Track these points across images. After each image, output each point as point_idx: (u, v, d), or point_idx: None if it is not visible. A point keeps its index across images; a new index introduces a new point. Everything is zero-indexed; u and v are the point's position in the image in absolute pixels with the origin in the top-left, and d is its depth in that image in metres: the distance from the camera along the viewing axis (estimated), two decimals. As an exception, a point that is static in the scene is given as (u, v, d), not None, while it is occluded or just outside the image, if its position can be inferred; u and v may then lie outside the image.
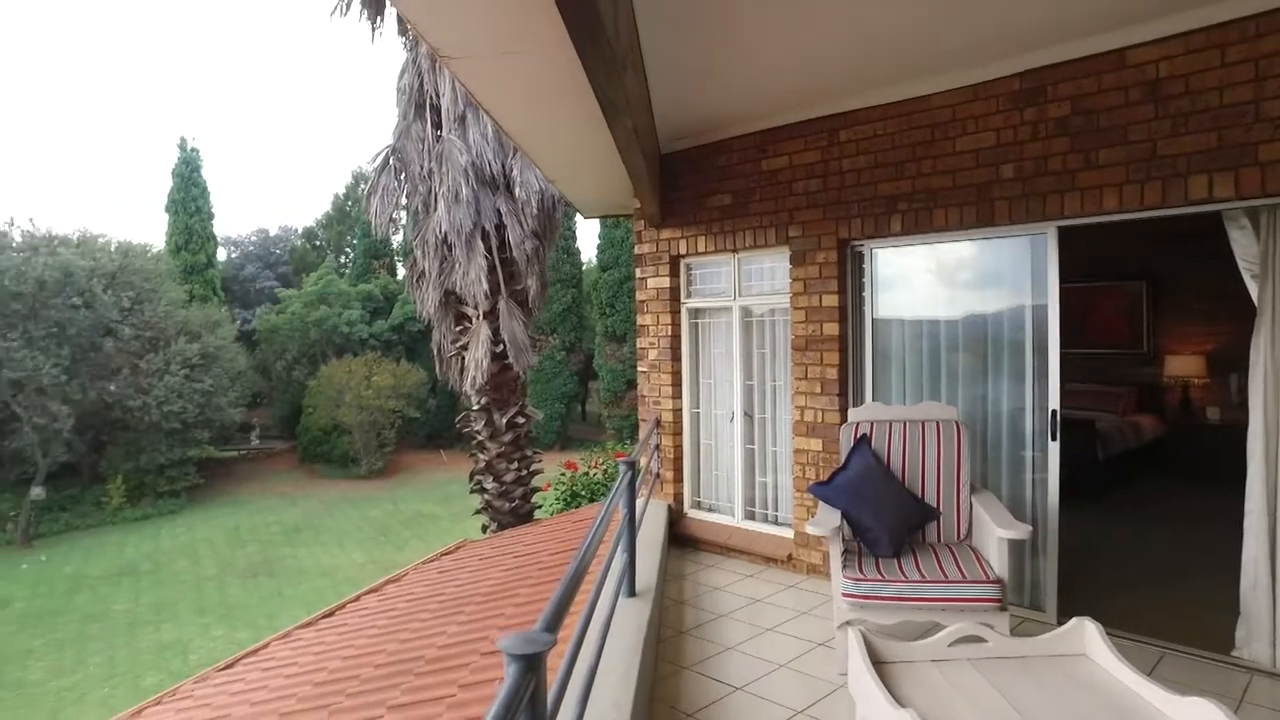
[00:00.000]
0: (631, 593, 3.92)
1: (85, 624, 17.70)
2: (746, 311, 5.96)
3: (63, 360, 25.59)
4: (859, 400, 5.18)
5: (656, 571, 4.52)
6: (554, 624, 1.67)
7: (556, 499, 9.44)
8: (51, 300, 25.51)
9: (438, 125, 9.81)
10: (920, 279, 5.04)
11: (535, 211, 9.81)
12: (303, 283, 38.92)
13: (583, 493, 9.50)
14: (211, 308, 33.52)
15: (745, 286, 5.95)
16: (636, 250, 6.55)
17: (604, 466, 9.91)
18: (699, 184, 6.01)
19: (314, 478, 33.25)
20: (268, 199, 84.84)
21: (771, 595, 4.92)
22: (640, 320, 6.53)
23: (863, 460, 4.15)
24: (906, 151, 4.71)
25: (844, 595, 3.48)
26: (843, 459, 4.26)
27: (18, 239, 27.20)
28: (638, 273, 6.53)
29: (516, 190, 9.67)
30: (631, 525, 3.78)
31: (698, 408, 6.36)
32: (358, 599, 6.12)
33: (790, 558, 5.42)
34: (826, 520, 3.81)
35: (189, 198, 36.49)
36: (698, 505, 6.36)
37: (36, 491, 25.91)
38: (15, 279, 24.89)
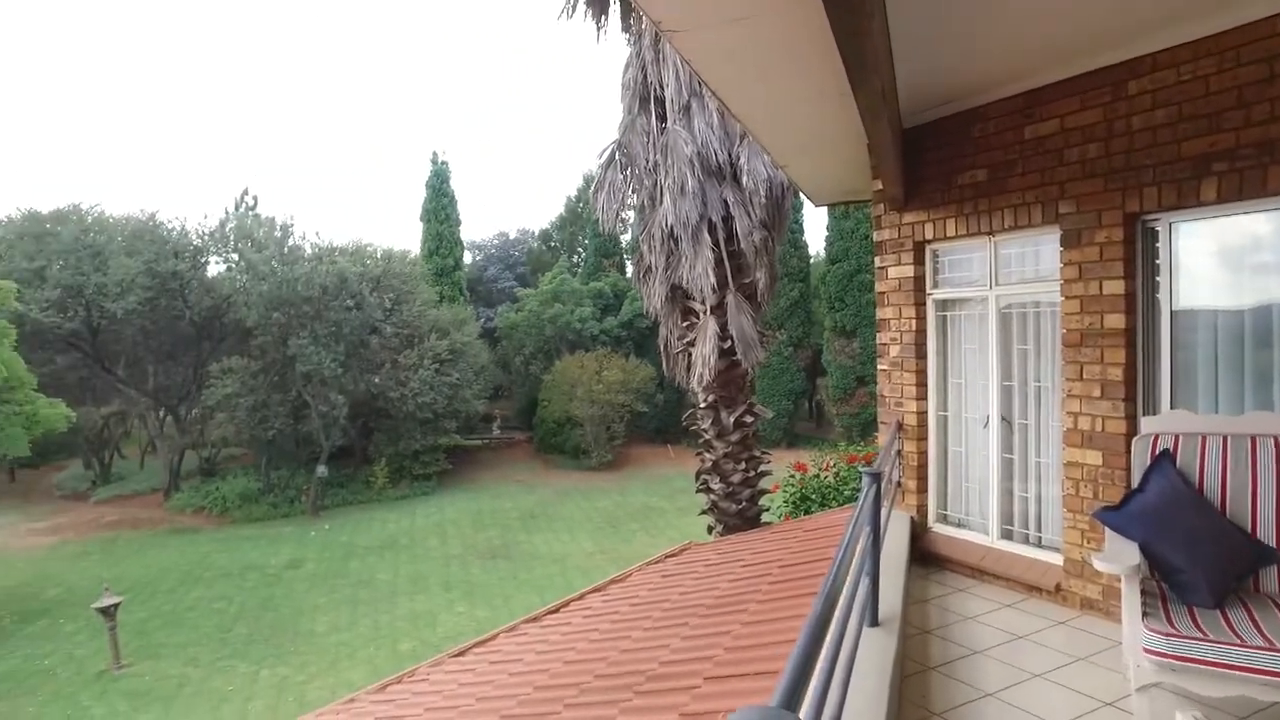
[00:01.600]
0: (874, 622, 3.46)
1: (357, 589, 19.80)
2: (1005, 302, 5.21)
3: (339, 355, 28.89)
4: (1153, 407, 4.30)
5: (900, 596, 4.01)
6: (795, 697, 1.31)
7: (785, 502, 9.02)
8: (331, 303, 28.88)
9: (662, 117, 9.73)
10: (1243, 259, 4.07)
11: (763, 201, 9.44)
12: (539, 282, 41.17)
13: (813, 496, 9.00)
14: (458, 307, 36.37)
15: (1003, 274, 5.20)
16: (875, 237, 5.98)
17: (835, 469, 9.34)
18: (947, 159, 5.34)
19: (548, 467, 35.10)
20: (507, 204, 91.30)
21: (1036, 632, 4.22)
22: (880, 314, 5.96)
23: (1166, 482, 3.38)
24: (1229, 97, 3.79)
25: (1147, 651, 2.80)
26: (1136, 478, 3.51)
27: (308, 251, 31.05)
28: (876, 262, 5.96)
29: (744, 179, 9.35)
30: (876, 546, 3.32)
31: (945, 410, 5.69)
32: (582, 597, 6.11)
33: (1059, 588, 4.64)
34: (1121, 555, 3.12)
35: (439, 207, 39.89)
36: (944, 519, 5.69)
37: (321, 470, 29.51)
38: (305, 285, 28.43)
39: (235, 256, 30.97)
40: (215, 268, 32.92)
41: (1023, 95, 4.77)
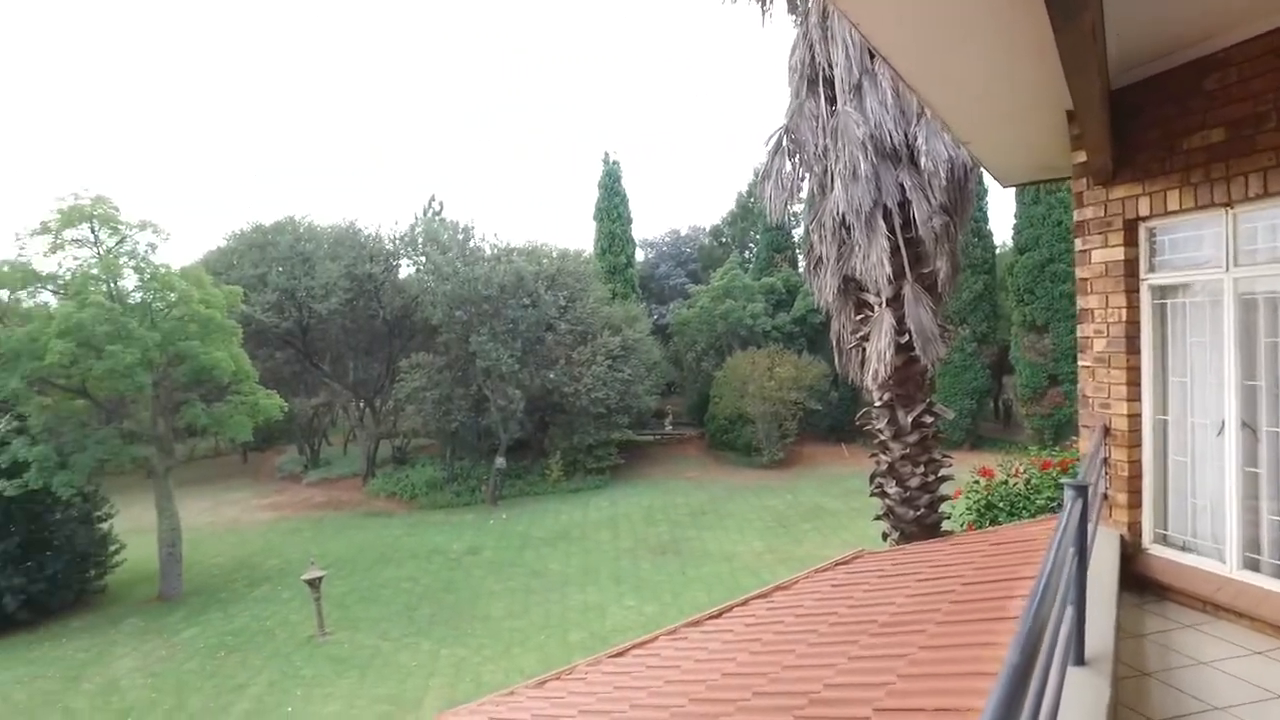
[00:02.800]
0: (1080, 659, 2.95)
1: (530, 577, 20.49)
2: (1247, 286, 4.39)
3: (516, 352, 30.10)
4: None
5: (1111, 629, 3.43)
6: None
7: (968, 509, 8.27)
8: (509, 301, 30.14)
9: (832, 99, 9.20)
10: None
11: (944, 184, 8.67)
12: (710, 278, 41.06)
13: (1000, 505, 8.20)
14: (630, 304, 36.91)
15: (1244, 252, 4.38)
16: (1076, 217, 5.26)
17: (1026, 475, 8.47)
18: (1169, 120, 4.57)
19: (719, 464, 34.89)
20: (679, 201, 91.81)
21: (1294, 685, 3.48)
22: (1081, 303, 5.24)
23: None
24: None
25: None
26: None
27: (487, 252, 32.61)
28: (1077, 245, 5.24)
29: (922, 161, 8.64)
30: (1082, 569, 2.82)
31: (1165, 414, 4.90)
32: (745, 603, 5.82)
33: (1322, 631, 3.83)
34: None
35: (611, 206, 40.66)
36: (1164, 540, 4.90)
37: (500, 462, 30.89)
38: (485, 284, 29.86)
39: (422, 259, 33.05)
40: (405, 270, 35.38)
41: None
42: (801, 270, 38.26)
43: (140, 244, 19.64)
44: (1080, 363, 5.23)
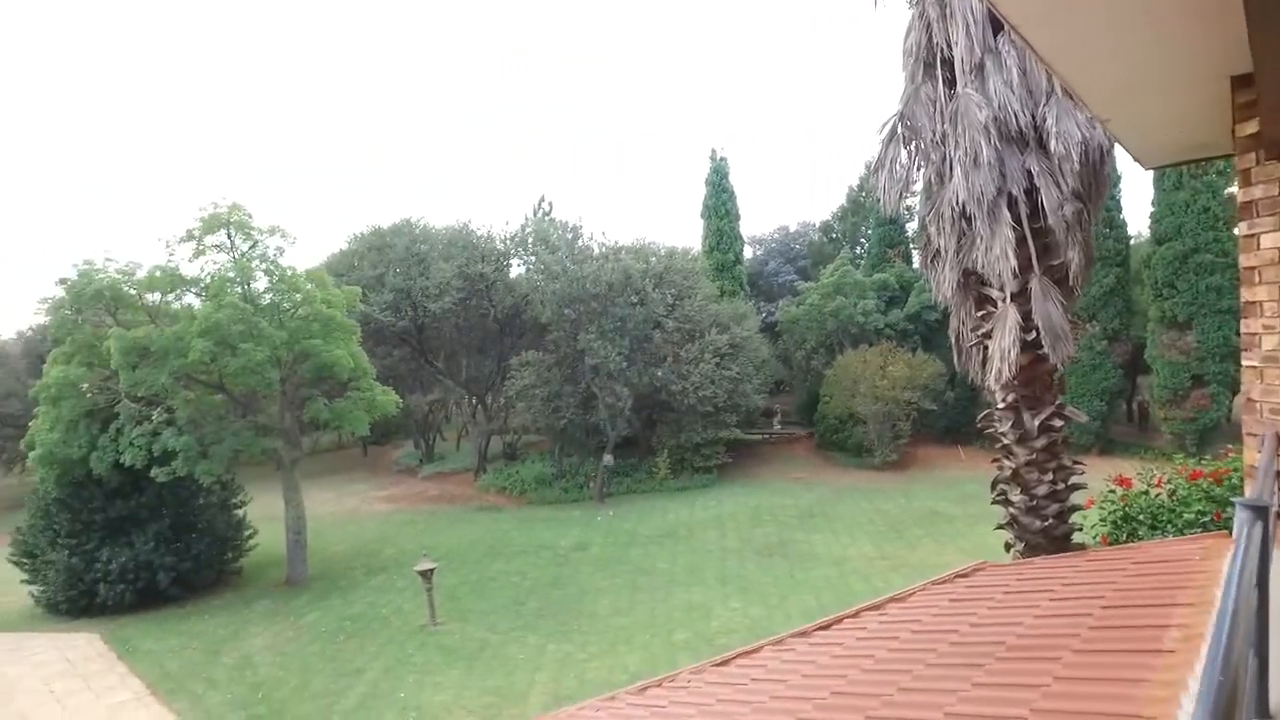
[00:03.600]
0: (1264, 712, 2.55)
1: (637, 575, 20.48)
2: None
3: (624, 349, 30.22)
4: None
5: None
6: None
7: (1102, 521, 7.59)
8: (616, 299, 30.29)
9: (950, 82, 8.65)
10: None
11: (1076, 168, 7.97)
12: (820, 275, 40.15)
13: (1140, 518, 7.51)
14: (738, 302, 36.49)
15: None
16: (1242, 197, 4.68)
17: (1171, 486, 7.72)
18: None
19: (829, 464, 34.05)
20: (787, 197, 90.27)
21: None
22: (1247, 295, 4.65)
23: None
24: None
25: None
26: None
27: (596, 250, 32.89)
28: (1242, 229, 4.66)
29: (1051, 144, 7.98)
30: (1263, 607, 2.43)
31: (1348, 420, 4.29)
32: (856, 615, 5.49)
33: None
34: None
35: (719, 203, 40.29)
36: (1347, 564, 4.29)
37: (608, 459, 31.10)
38: (593, 282, 30.11)
39: (532, 258, 33.66)
40: (516, 269, 36.14)
41: None
42: (916, 265, 36.92)
43: (270, 248, 20.78)
44: (1245, 362, 4.65)
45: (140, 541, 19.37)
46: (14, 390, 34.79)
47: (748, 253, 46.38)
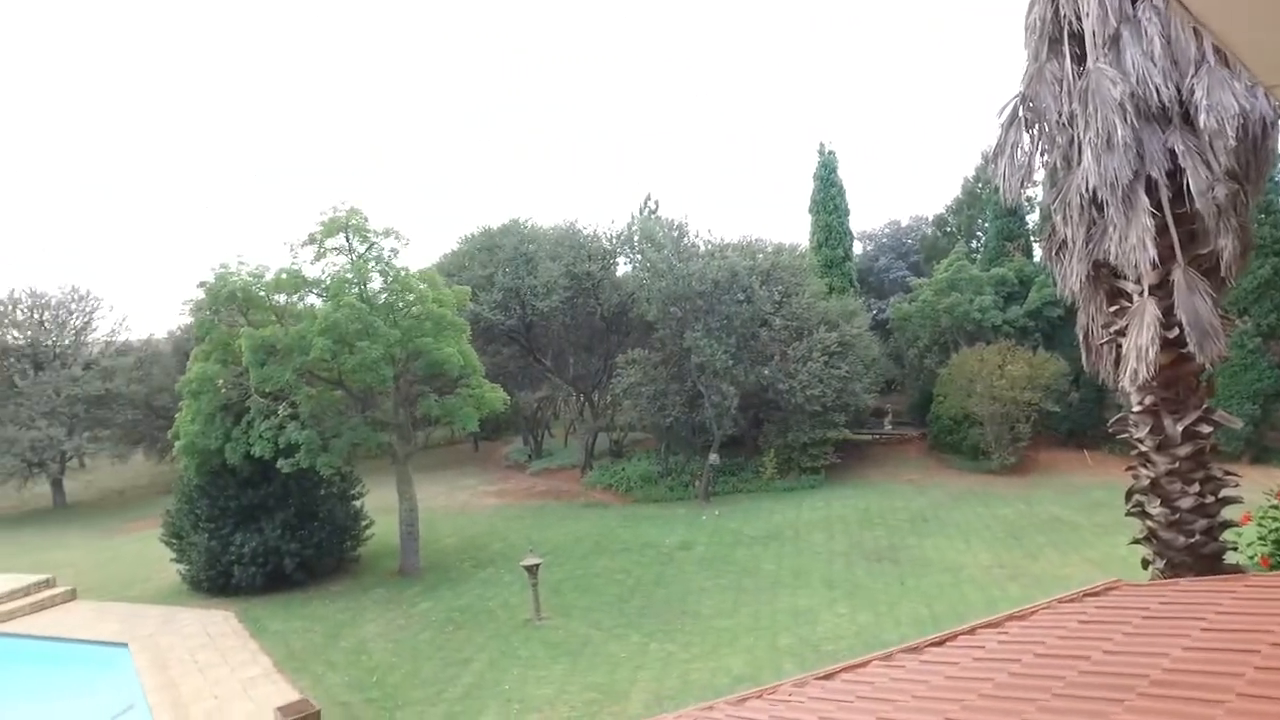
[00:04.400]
0: None
1: (741, 576, 20.18)
2: None
3: (730, 348, 29.89)
4: None
5: None
6: None
7: (1261, 540, 6.87)
8: (723, 297, 29.99)
9: (1080, 57, 7.96)
10: None
11: (1231, 144, 7.16)
12: (933, 271, 38.66)
13: (1306, 536, 6.74)
14: (848, 299, 35.54)
15: None
16: None
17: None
18: None
19: (942, 467, 32.72)
20: (899, 191, 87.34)
21: None
22: None
23: None
24: None
25: None
26: None
27: (701, 248, 32.68)
28: None
29: (1200, 119, 7.20)
30: None
31: None
32: (972, 631, 5.11)
33: None
34: None
35: (828, 198, 39.33)
36: None
37: (713, 458, 30.84)
38: (699, 280, 29.91)
39: (638, 257, 33.75)
40: (622, 268, 36.35)
41: None
42: (1038, 258, 34.99)
43: (385, 249, 21.56)
44: None
45: (269, 528, 20.48)
46: (165, 385, 37.52)
47: (857, 248, 45.14)
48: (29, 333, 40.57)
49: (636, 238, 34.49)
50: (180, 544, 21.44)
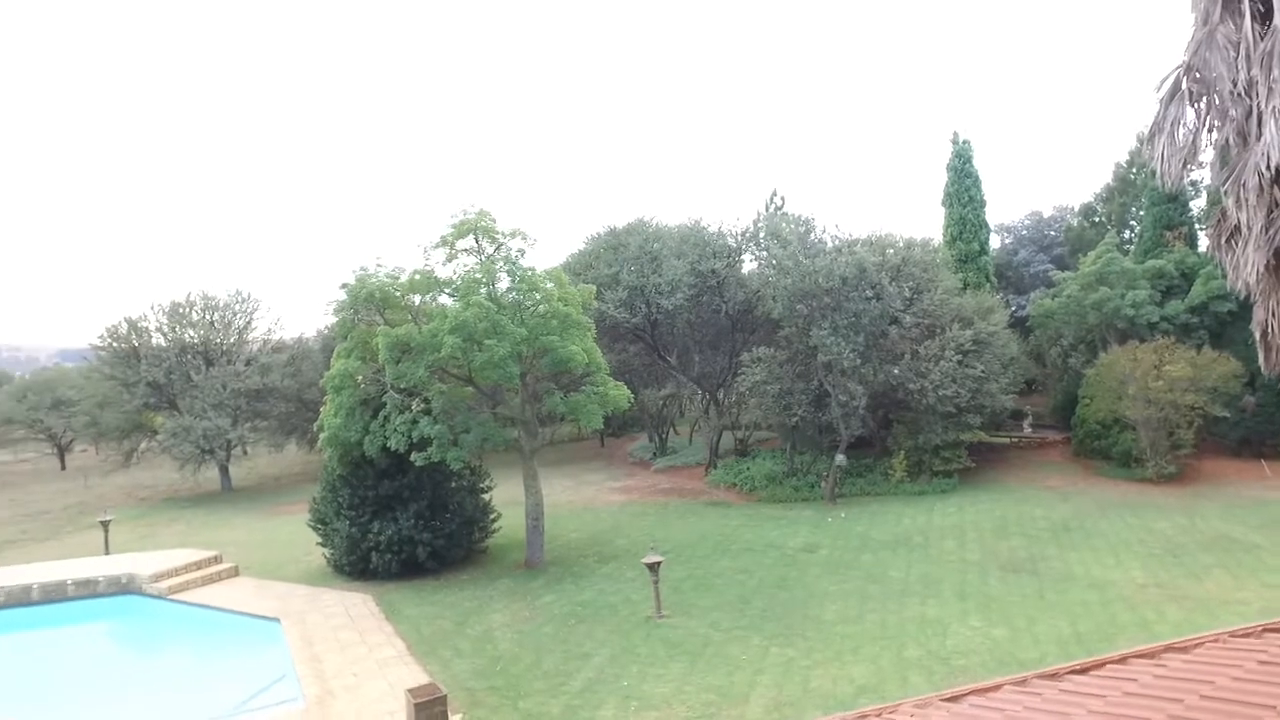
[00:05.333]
0: None
1: (867, 582, 19.50)
2: None
3: (858, 346, 28.99)
4: None
5: None
6: None
7: None
8: (850, 294, 29.12)
9: (1264, 15, 7.09)
10: None
11: None
12: (1079, 263, 36.18)
13: None
14: (984, 295, 33.87)
15: None
16: None
17: None
18: None
19: (1088, 474, 30.60)
20: (1040, 180, 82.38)
21: None
22: None
23: None
24: None
25: None
26: None
27: (829, 244, 31.87)
28: None
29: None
30: None
31: None
32: (1123, 660, 4.63)
33: None
34: None
35: (962, 189, 37.55)
36: None
37: (840, 459, 30.03)
38: (825, 276, 29.17)
39: (764, 253, 33.29)
40: (748, 265, 35.97)
41: None
42: (1204, 248, 32.00)
43: (512, 250, 22.13)
44: None
45: (403, 518, 21.46)
46: (314, 380, 40.19)
47: (994, 241, 42.89)
48: (202, 332, 44.36)
49: (762, 234, 34.05)
50: (325, 529, 22.81)
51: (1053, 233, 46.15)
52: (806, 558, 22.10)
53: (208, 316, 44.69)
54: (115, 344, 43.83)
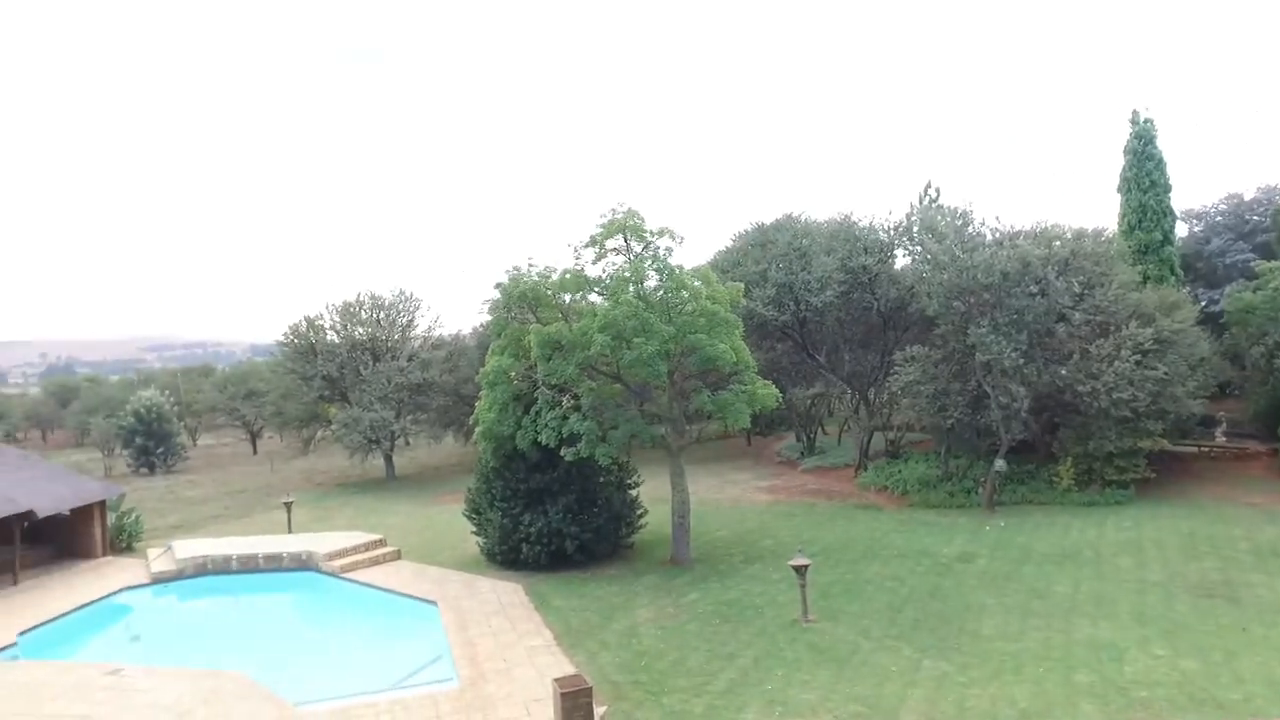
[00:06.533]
0: None
1: (1029, 597, 18.31)
2: None
3: (1020, 345, 27.26)
4: None
5: None
6: None
7: None
8: (1012, 289, 27.41)
9: None
10: None
11: None
12: (1288, 252, 32.37)
13: None
14: (1168, 289, 31.13)
15: None
16: None
17: None
18: None
19: (1299, 490, 27.38)
20: (1240, 159, 74.26)
21: None
22: None
23: None
24: None
25: None
26: None
27: (988, 237, 30.15)
28: None
29: None
30: None
31: None
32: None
33: None
34: None
35: (1142, 173, 34.57)
36: None
37: (1000, 463, 28.40)
38: (985, 271, 27.62)
39: (918, 248, 31.96)
40: (900, 260, 34.67)
41: None
42: None
43: (660, 248, 22.33)
44: None
45: (553, 511, 22.16)
46: (469, 376, 42.35)
47: (1180, 229, 39.13)
48: (369, 329, 47.72)
49: (916, 228, 32.67)
50: (479, 519, 23.95)
51: (1256, 217, 41.53)
52: (962, 567, 21.04)
53: (375, 315, 48.00)
54: (296, 340, 47.93)
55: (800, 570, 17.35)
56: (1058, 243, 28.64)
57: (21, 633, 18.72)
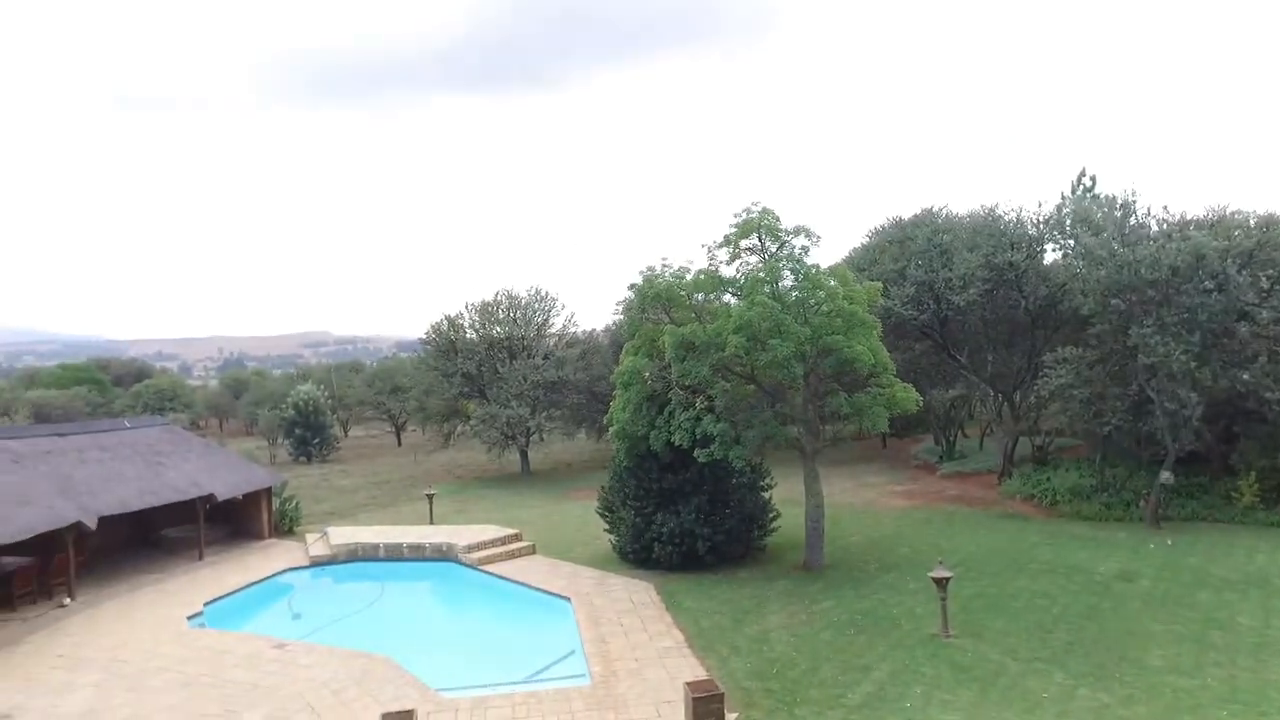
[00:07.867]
0: None
1: (1206, 627, 16.73)
2: None
3: (1192, 346, 24.96)
4: None
5: None
6: None
7: None
8: (1183, 286, 25.15)
9: None
10: None
11: None
12: None
13: None
14: (1379, 283, 27.45)
15: None
16: None
17: None
18: None
19: None
20: None
21: None
22: None
23: None
24: None
25: None
26: None
27: (1153, 228, 27.81)
28: None
29: None
30: None
31: None
32: None
33: None
34: None
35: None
36: None
37: (1166, 475, 26.18)
38: (1150, 266, 25.47)
39: (1070, 242, 29.88)
40: (1051, 255, 32.55)
41: None
42: None
43: (796, 247, 21.91)
44: None
45: (685, 511, 22.16)
46: (603, 374, 43.09)
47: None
48: (506, 328, 49.40)
49: (1068, 221, 30.49)
50: (611, 517, 24.27)
51: None
52: (1122, 588, 19.52)
53: (512, 314, 49.61)
54: (437, 339, 50.25)
55: (941, 583, 16.58)
56: (1239, 232, 26.06)
57: (207, 603, 21.21)
